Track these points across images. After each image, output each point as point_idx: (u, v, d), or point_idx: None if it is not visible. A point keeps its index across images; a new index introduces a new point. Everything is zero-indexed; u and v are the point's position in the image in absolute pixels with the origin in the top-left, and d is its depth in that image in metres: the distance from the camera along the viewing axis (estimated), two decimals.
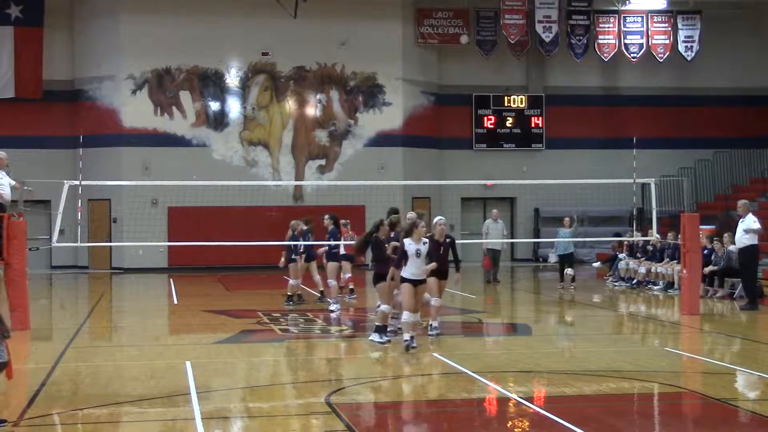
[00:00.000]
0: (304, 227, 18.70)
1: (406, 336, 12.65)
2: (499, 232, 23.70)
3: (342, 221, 19.67)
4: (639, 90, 33.42)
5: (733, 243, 19.05)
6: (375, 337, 13.36)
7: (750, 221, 17.67)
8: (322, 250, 18.74)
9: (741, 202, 18.40)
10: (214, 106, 30.48)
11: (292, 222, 18.83)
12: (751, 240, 17.65)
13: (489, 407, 9.77)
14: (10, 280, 15.15)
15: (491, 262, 23.83)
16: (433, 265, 13.11)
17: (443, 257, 13.64)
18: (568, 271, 22.24)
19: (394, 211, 15.79)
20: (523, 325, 16.03)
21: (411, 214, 15.37)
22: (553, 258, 23.45)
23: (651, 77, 33.11)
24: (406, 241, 12.66)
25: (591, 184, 25.11)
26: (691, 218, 17.16)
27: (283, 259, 18.81)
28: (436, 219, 13.97)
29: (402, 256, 12.65)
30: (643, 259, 23.05)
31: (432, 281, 13.58)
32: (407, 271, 12.68)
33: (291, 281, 18.63)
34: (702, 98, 33.30)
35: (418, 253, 12.63)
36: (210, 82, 30.42)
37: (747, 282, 18.28)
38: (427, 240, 12.87)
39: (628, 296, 21.22)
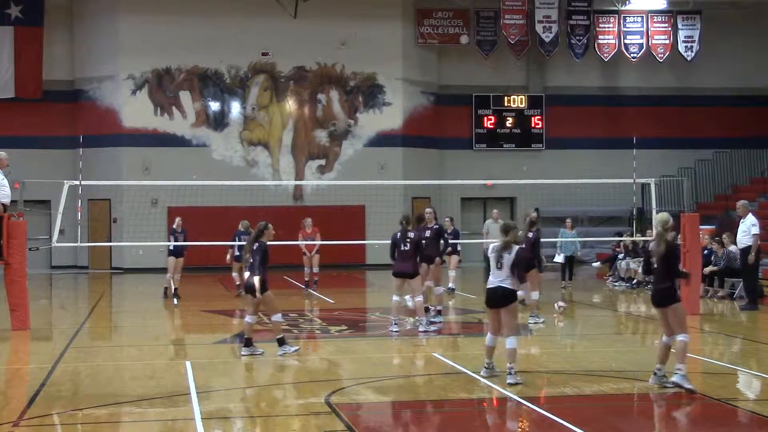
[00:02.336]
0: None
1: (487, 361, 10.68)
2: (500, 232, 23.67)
3: (307, 219, 21.96)
4: (639, 90, 33.38)
5: (733, 243, 19.07)
6: (245, 351, 12.19)
7: (749, 222, 17.69)
8: None
9: (740, 203, 18.42)
10: (214, 106, 30.48)
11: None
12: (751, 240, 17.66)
13: (489, 407, 9.77)
14: (10, 280, 15.16)
15: None
16: None
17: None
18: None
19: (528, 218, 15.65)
20: (523, 325, 16.02)
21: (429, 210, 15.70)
22: (560, 258, 23.45)
23: (651, 77, 33.09)
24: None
25: (591, 184, 25.09)
26: (691, 218, 17.16)
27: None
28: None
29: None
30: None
31: None
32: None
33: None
34: (702, 98, 33.26)
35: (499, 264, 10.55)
36: (210, 82, 30.42)
37: (748, 282, 18.27)
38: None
39: (628, 296, 21.23)
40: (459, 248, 21.81)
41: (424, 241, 15.07)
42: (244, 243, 19.13)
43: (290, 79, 30.78)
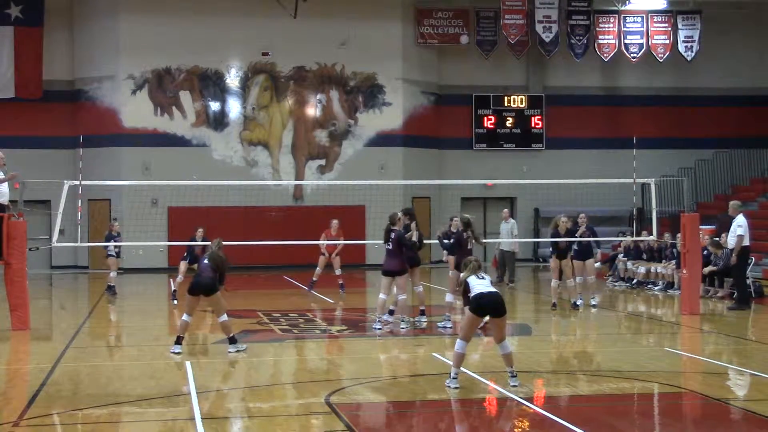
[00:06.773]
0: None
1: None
2: (508, 232, 23.56)
3: (334, 221, 21.47)
4: (639, 90, 33.38)
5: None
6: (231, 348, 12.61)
7: (736, 224, 17.73)
8: None
9: (732, 203, 18.49)
10: (214, 106, 30.48)
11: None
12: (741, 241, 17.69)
13: (489, 407, 9.77)
14: (10, 280, 15.15)
15: (498, 262, 23.82)
16: None
17: None
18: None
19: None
20: (523, 325, 16.02)
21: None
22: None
23: (651, 77, 33.09)
24: None
25: (591, 184, 25.09)
26: (691, 218, 17.17)
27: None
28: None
29: None
30: (643, 259, 23.06)
31: None
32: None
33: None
34: (702, 98, 33.27)
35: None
36: (210, 82, 30.42)
37: (736, 282, 18.25)
38: None
39: (628, 296, 21.22)
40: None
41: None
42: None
43: (290, 79, 30.78)
